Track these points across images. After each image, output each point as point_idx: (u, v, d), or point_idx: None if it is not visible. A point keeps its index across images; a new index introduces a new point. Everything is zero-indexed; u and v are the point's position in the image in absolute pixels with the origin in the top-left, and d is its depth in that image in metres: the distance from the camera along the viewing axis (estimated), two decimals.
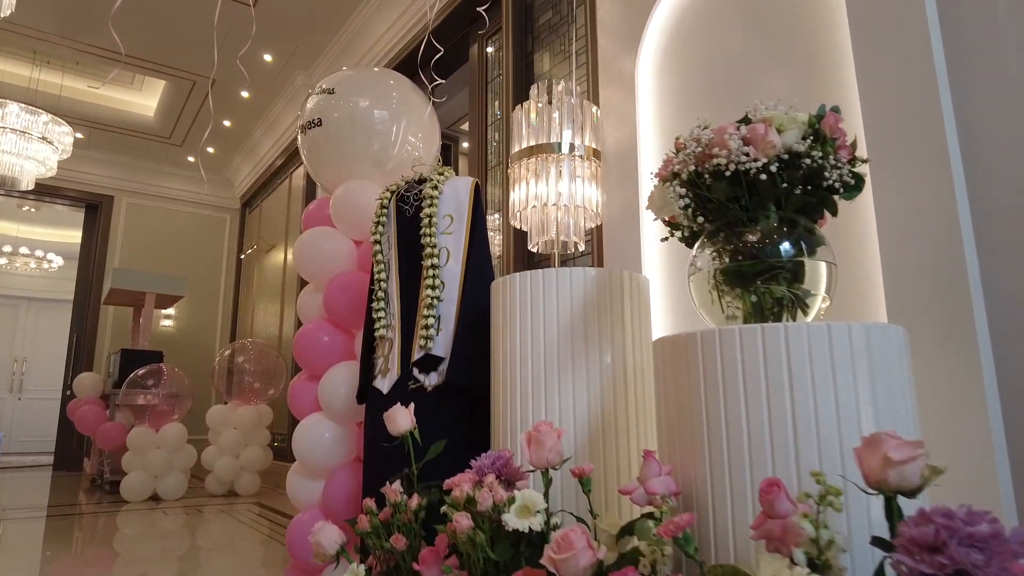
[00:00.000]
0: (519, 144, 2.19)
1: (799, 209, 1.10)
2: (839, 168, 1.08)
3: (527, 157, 2.15)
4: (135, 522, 3.87)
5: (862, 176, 1.13)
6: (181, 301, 6.75)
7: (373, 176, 2.46)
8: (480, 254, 1.89)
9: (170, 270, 6.97)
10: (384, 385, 1.87)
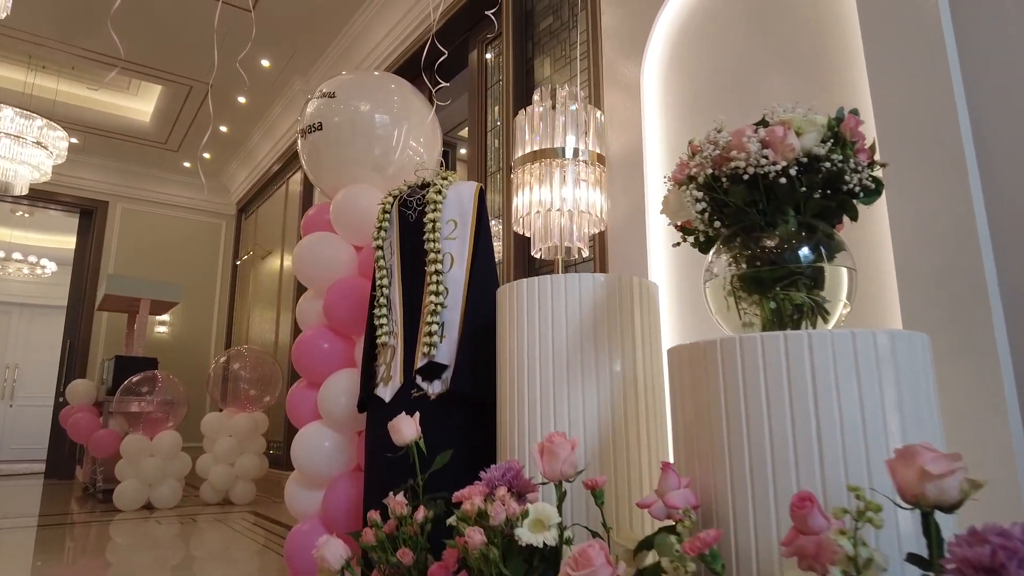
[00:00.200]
0: (522, 149, 2.16)
1: (818, 214, 1.08)
2: (859, 172, 1.05)
3: (530, 162, 2.12)
4: (128, 531, 3.80)
5: (881, 180, 1.10)
6: (176, 307, 6.70)
7: (374, 181, 2.43)
8: (485, 260, 1.86)
9: (165, 276, 6.92)
10: (386, 393, 1.83)
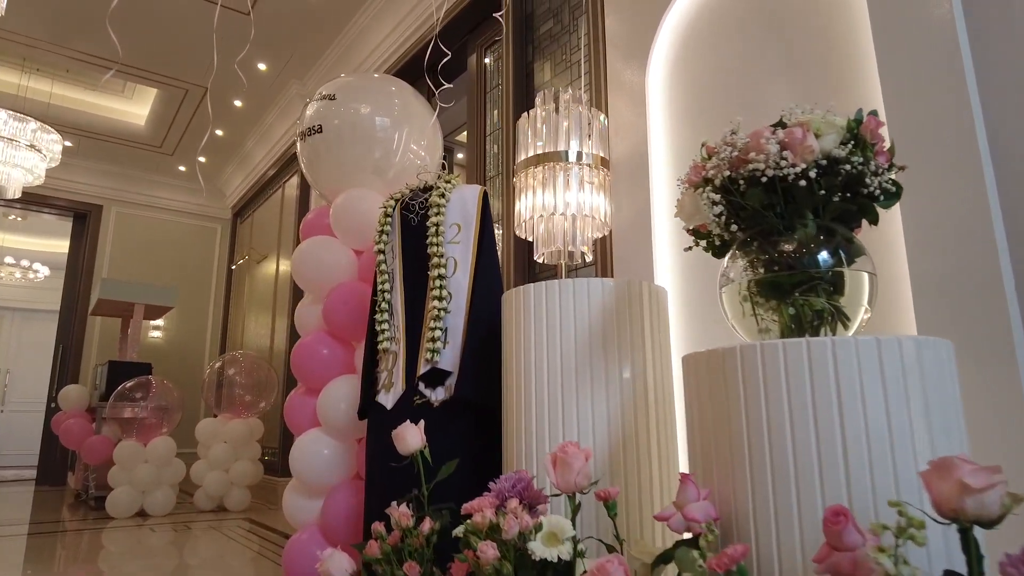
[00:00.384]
0: (525, 153, 2.13)
1: (836, 217, 1.05)
2: (879, 175, 1.03)
3: (533, 166, 2.09)
4: (121, 539, 3.74)
5: (899, 183, 1.08)
6: (170, 312, 6.64)
7: (374, 184, 2.40)
8: (489, 264, 1.83)
9: (159, 280, 6.86)
10: (388, 400, 1.79)
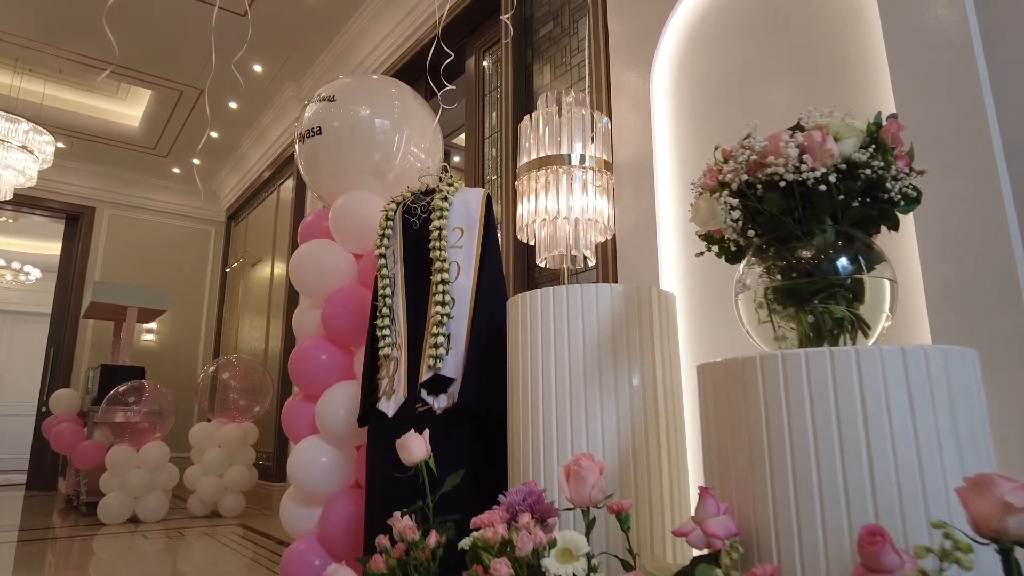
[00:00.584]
0: (527, 156, 2.10)
1: (855, 223, 1.03)
2: (900, 179, 1.00)
3: (536, 169, 2.06)
4: (112, 546, 3.68)
5: (919, 188, 1.05)
6: (164, 315, 6.57)
7: (374, 187, 2.37)
8: (492, 269, 1.79)
9: (153, 284, 6.79)
10: (389, 407, 1.76)
